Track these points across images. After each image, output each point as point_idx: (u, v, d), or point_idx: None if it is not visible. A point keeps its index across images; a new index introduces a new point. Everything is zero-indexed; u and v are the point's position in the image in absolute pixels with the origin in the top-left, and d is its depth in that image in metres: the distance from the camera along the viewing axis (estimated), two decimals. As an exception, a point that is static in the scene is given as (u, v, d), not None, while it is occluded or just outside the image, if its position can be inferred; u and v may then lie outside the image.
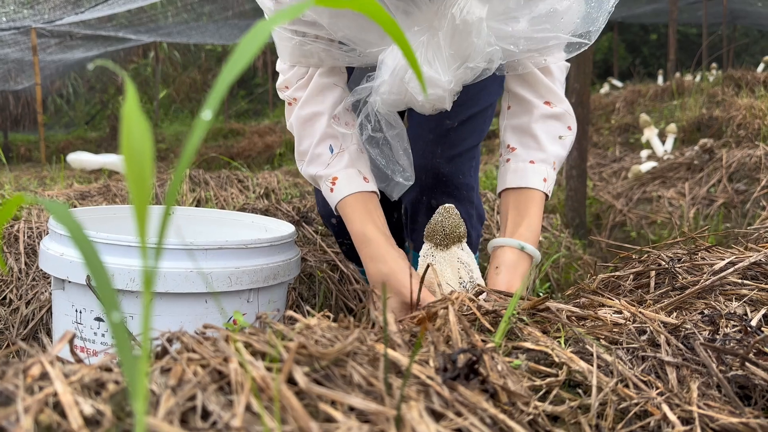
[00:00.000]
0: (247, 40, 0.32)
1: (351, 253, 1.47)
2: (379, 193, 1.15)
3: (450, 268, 1.04)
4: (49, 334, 1.50)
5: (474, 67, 0.99)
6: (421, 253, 1.05)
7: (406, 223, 1.47)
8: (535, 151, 1.12)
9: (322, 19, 1.01)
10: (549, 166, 1.12)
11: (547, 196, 1.12)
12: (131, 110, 0.29)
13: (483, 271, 2.13)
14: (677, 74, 6.63)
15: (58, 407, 0.44)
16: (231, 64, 0.32)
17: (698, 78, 6.28)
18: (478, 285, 1.01)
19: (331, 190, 1.12)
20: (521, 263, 1.06)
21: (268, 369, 0.49)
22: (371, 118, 1.11)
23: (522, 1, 0.96)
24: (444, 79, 0.98)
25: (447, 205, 1.05)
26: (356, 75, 1.15)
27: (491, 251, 1.12)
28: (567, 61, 1.15)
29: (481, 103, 1.32)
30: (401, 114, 1.25)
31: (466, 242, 1.17)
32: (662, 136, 4.26)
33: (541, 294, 2.09)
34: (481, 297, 0.89)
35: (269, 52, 10.41)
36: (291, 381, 0.48)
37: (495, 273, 1.06)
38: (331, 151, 1.13)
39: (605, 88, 8.04)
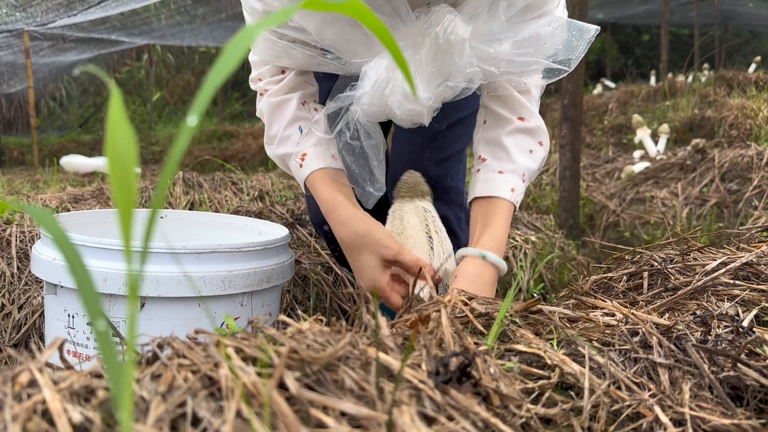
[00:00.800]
0: (232, 45, 0.32)
1: (343, 258, 1.47)
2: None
3: (417, 217, 1.10)
4: (41, 338, 1.49)
5: (454, 86, 1.01)
6: (390, 210, 1.10)
7: None
8: (505, 162, 1.14)
9: (309, 26, 1.01)
10: (518, 177, 1.13)
11: (515, 206, 1.13)
12: (116, 116, 0.29)
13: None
14: (669, 75, 6.66)
15: (46, 415, 0.44)
16: (216, 68, 0.31)
17: (690, 78, 6.31)
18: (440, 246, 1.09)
19: (300, 165, 1.15)
20: (484, 273, 1.05)
21: (259, 374, 0.48)
22: (350, 126, 1.13)
23: (506, 25, 0.97)
24: (424, 95, 1.00)
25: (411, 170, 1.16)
26: (340, 83, 1.15)
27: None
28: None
29: (469, 107, 1.33)
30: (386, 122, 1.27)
31: (455, 244, 1.18)
32: (655, 137, 4.27)
33: (535, 294, 2.09)
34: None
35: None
36: (282, 386, 0.48)
37: (454, 283, 1.05)
38: (300, 131, 1.16)
39: (598, 89, 8.06)
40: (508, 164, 1.13)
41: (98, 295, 0.27)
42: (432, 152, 1.31)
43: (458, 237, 1.35)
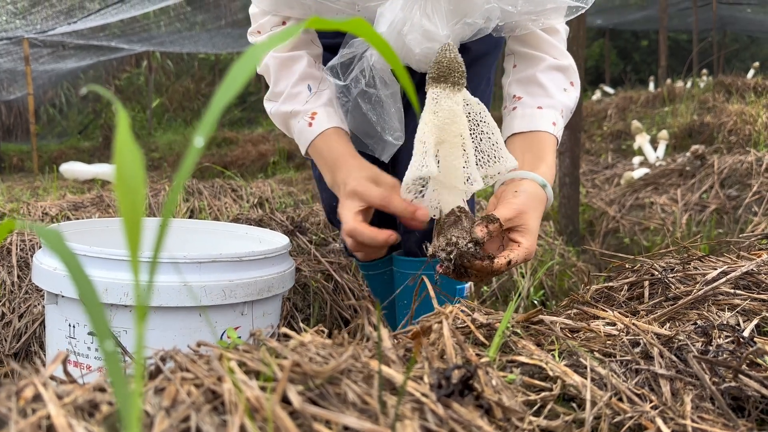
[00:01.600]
0: (238, 66, 0.32)
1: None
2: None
3: (463, 115, 0.91)
4: (42, 347, 1.49)
5: (472, 23, 1.00)
6: (428, 99, 0.92)
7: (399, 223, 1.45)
8: (542, 98, 1.10)
9: None
10: (557, 112, 1.10)
11: (557, 141, 1.09)
12: (124, 137, 0.29)
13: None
14: (668, 81, 6.68)
15: (51, 430, 0.44)
16: (224, 88, 0.32)
17: (689, 84, 6.33)
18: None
19: (309, 124, 1.10)
20: (541, 199, 1.00)
21: (262, 388, 0.49)
22: (366, 73, 1.10)
23: None
24: (442, 33, 0.99)
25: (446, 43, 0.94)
26: (347, 39, 1.14)
27: (501, 184, 1.05)
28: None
29: (481, 77, 1.33)
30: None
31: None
32: (654, 143, 4.28)
33: (535, 302, 2.09)
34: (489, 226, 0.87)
35: (262, 61, 10.42)
36: (285, 400, 0.48)
37: (513, 196, 0.98)
38: (310, 90, 1.13)
39: (597, 95, 8.08)
40: (546, 99, 1.10)
41: (106, 318, 0.27)
42: None
43: None
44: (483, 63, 1.32)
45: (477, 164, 0.93)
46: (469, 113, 0.93)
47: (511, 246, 0.95)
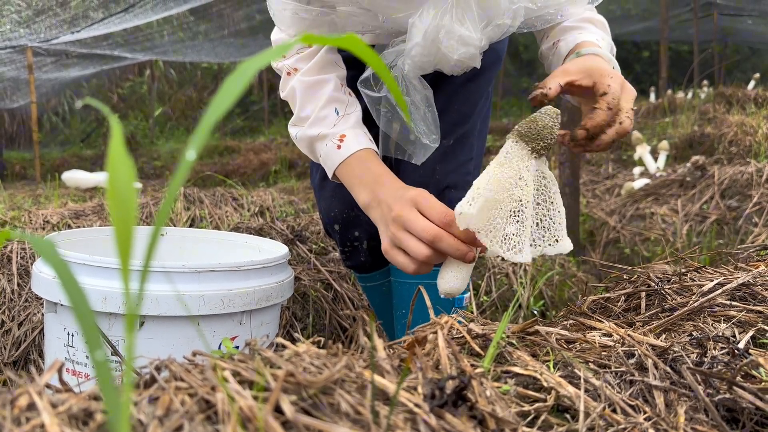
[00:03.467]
0: (231, 80, 0.33)
1: (351, 260, 1.46)
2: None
3: (534, 183, 0.85)
4: (41, 356, 1.50)
5: (501, 24, 1.03)
6: (502, 150, 0.85)
7: None
8: (583, 34, 1.10)
9: None
10: (602, 42, 1.09)
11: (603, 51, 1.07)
12: (116, 151, 0.29)
13: (476, 288, 2.13)
14: (669, 91, 6.69)
15: (45, 439, 0.44)
16: (216, 102, 0.32)
17: (690, 95, 6.34)
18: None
19: (338, 147, 1.09)
20: (599, 57, 1.01)
21: (255, 398, 0.49)
22: (399, 82, 1.11)
23: None
24: (476, 36, 1.02)
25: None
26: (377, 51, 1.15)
27: (566, 53, 1.07)
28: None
29: (473, 119, 1.35)
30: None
31: None
32: (655, 153, 4.29)
33: (534, 312, 2.09)
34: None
35: (265, 71, 10.48)
36: (278, 410, 0.48)
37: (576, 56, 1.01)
38: (337, 113, 1.12)
39: (598, 105, 8.07)
40: (588, 35, 1.09)
41: (97, 327, 0.27)
42: (441, 166, 1.32)
43: None
44: (485, 77, 1.34)
45: (532, 238, 0.86)
46: (540, 186, 0.87)
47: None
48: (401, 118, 1.14)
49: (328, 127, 1.11)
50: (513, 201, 0.83)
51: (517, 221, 0.83)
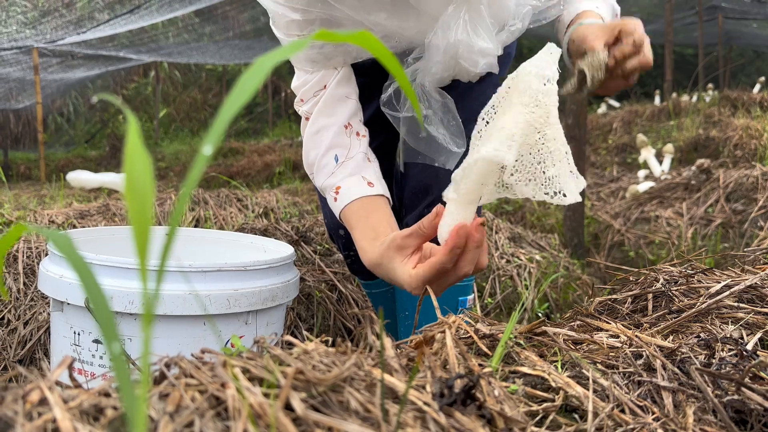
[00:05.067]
0: (248, 76, 0.33)
1: (356, 265, 1.46)
2: (389, 197, 1.12)
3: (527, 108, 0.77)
4: (47, 355, 1.50)
5: (513, 28, 1.06)
6: (530, 90, 0.78)
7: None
8: (584, 2, 1.15)
9: (359, 15, 1.05)
10: (603, 9, 1.14)
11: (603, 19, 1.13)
12: (133, 145, 0.29)
13: (480, 291, 2.13)
14: (674, 94, 6.68)
15: (56, 434, 0.44)
16: (232, 98, 0.32)
17: (695, 98, 6.33)
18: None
19: (335, 199, 1.11)
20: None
21: (266, 395, 0.49)
22: (422, 99, 1.14)
23: None
24: (492, 46, 1.05)
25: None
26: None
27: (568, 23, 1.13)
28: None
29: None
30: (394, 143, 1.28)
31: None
32: (659, 156, 4.28)
33: (539, 314, 2.09)
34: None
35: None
36: (288, 407, 0.48)
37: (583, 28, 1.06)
38: (336, 160, 1.12)
39: (602, 108, 8.09)
40: (588, 2, 1.14)
41: (114, 319, 0.27)
42: (444, 171, 1.32)
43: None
44: (494, 78, 1.34)
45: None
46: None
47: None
48: (423, 126, 1.15)
49: (327, 177, 1.12)
50: (548, 141, 0.78)
51: (557, 161, 0.79)
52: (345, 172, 1.11)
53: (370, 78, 1.25)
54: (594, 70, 0.98)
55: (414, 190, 1.29)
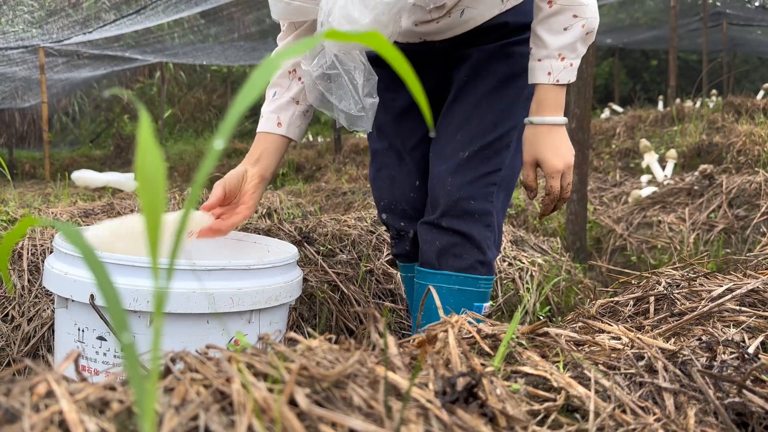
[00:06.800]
0: (256, 74, 0.33)
1: (399, 244, 1.54)
2: (292, 137, 1.37)
3: None
4: (50, 351, 1.51)
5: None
6: None
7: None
8: (541, 50, 1.25)
9: None
10: (553, 59, 1.24)
11: (558, 84, 1.25)
12: (145, 140, 0.30)
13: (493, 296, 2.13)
14: (677, 100, 6.68)
15: (63, 425, 0.45)
16: (243, 94, 0.33)
17: (698, 104, 6.33)
18: None
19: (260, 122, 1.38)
20: (540, 132, 1.27)
21: (270, 390, 0.49)
22: (328, 57, 1.20)
23: None
24: (360, 16, 1.09)
25: None
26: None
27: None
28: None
29: (494, 132, 1.33)
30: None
31: (480, 261, 1.29)
32: (662, 162, 4.28)
33: (541, 317, 2.09)
34: None
35: (273, 74, 10.51)
36: (292, 402, 0.49)
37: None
38: (273, 96, 1.38)
39: (606, 113, 8.09)
40: (543, 51, 1.24)
41: (125, 311, 0.28)
42: (454, 178, 1.32)
43: (485, 253, 1.34)
44: (516, 84, 1.38)
45: None
46: None
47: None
48: (327, 83, 1.25)
49: (264, 106, 1.39)
50: None
51: None
52: (269, 107, 1.38)
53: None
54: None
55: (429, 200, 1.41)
